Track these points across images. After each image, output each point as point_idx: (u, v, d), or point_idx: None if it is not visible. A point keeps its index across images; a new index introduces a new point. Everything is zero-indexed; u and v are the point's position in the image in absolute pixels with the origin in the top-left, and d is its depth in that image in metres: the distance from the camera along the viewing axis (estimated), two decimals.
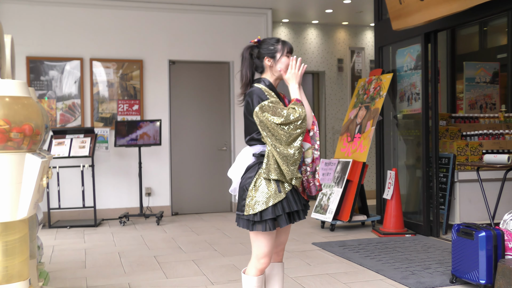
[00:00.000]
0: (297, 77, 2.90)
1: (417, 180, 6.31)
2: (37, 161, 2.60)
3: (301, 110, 2.70)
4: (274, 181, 2.68)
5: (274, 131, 2.66)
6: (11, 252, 2.60)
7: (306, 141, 2.77)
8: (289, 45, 2.95)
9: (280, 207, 2.66)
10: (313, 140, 2.79)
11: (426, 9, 5.19)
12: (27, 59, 7.10)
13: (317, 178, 2.80)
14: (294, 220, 2.74)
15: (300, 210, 2.76)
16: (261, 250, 2.74)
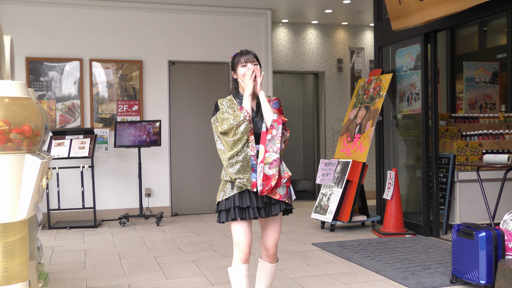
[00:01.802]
0: (248, 86, 3.08)
1: (417, 180, 6.31)
2: (36, 162, 2.60)
3: (233, 120, 2.97)
4: (229, 182, 3.04)
5: (222, 139, 3.04)
6: (10, 253, 2.59)
7: (262, 144, 3.00)
8: (246, 55, 3.16)
9: (232, 202, 3.00)
10: (271, 143, 2.99)
11: (426, 9, 5.19)
12: (26, 60, 7.10)
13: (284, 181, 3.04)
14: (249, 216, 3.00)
15: (255, 207, 2.99)
16: (234, 239, 3.08)
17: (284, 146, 3.09)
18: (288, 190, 3.08)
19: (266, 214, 3.03)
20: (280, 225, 3.14)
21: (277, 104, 3.16)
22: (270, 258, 3.18)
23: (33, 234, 3.46)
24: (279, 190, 3.01)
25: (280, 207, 3.03)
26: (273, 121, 3.02)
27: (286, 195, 3.04)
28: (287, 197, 3.04)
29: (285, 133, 3.08)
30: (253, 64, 3.11)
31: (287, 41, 9.12)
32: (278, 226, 3.13)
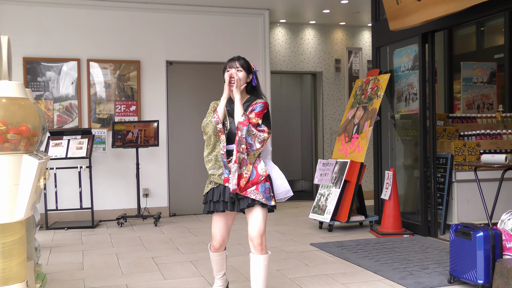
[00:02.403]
0: (224, 91, 3.41)
1: (415, 180, 6.31)
2: (34, 162, 2.59)
3: (204, 121, 3.41)
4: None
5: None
6: (8, 254, 2.59)
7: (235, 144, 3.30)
8: (231, 61, 3.48)
9: (210, 196, 3.40)
10: (239, 144, 3.26)
11: (424, 9, 5.19)
12: (24, 60, 7.09)
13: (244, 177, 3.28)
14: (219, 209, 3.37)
15: (222, 201, 3.34)
16: (212, 229, 3.52)
17: (260, 146, 3.30)
18: (261, 187, 3.28)
19: (235, 208, 3.33)
20: (260, 217, 3.31)
21: (259, 107, 3.36)
22: (256, 249, 3.32)
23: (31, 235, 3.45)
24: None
25: (248, 201, 3.27)
26: (238, 123, 3.28)
27: (255, 191, 3.27)
28: (255, 193, 3.26)
29: (258, 134, 3.28)
30: (236, 69, 3.40)
31: (285, 41, 9.12)
32: (258, 218, 3.31)
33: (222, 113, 3.38)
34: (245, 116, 3.29)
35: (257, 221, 3.31)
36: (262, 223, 3.31)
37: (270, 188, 3.32)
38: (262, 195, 3.27)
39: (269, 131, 3.33)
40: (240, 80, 3.39)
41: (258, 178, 3.28)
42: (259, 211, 3.31)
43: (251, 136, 3.27)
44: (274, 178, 3.44)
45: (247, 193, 3.27)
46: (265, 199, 3.27)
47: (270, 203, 3.30)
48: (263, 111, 3.35)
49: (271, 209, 3.35)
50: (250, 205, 3.28)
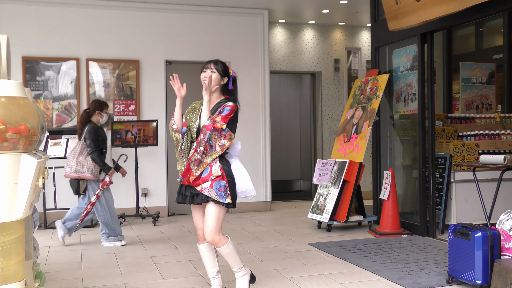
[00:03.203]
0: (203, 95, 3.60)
1: (414, 181, 6.32)
2: (33, 162, 2.59)
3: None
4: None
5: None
6: (7, 253, 2.59)
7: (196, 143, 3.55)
8: (206, 63, 3.69)
9: (178, 189, 3.66)
10: (198, 145, 3.48)
11: (423, 9, 5.20)
12: (23, 59, 7.09)
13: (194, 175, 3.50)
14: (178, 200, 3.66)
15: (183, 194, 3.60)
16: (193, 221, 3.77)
17: (220, 150, 3.50)
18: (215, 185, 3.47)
19: (194, 201, 3.56)
20: (212, 215, 3.52)
21: (226, 110, 3.53)
22: (212, 244, 3.63)
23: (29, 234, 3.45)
24: (203, 184, 3.49)
25: (202, 197, 3.50)
26: (203, 126, 3.48)
27: (209, 188, 3.47)
28: (209, 190, 3.46)
29: (220, 139, 3.50)
30: (210, 71, 3.60)
31: (284, 41, 9.13)
32: (209, 216, 3.52)
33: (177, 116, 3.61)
34: (210, 120, 3.46)
35: (209, 219, 3.53)
36: (213, 220, 3.52)
37: (227, 186, 3.49)
38: (216, 192, 3.47)
39: (232, 137, 3.54)
40: (212, 81, 3.57)
41: (209, 177, 3.48)
42: (212, 209, 3.52)
43: (213, 139, 3.48)
44: (237, 177, 3.60)
45: (202, 189, 3.49)
46: (218, 196, 3.46)
47: (224, 200, 3.48)
48: (229, 114, 3.53)
49: (227, 206, 3.52)
50: (203, 200, 3.51)
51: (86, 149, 5.56)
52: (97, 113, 5.73)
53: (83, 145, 5.59)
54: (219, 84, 3.63)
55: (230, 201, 3.51)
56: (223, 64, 3.67)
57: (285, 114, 10.39)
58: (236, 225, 6.89)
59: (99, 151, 5.57)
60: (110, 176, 5.58)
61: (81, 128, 5.69)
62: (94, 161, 5.50)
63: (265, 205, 8.14)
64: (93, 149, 5.51)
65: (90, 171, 5.47)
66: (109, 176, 5.57)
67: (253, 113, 8.07)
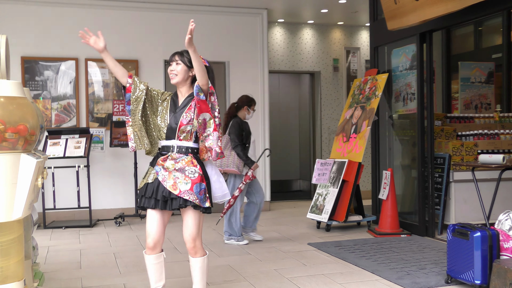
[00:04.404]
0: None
1: (413, 180, 6.32)
2: (32, 162, 2.59)
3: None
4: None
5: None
6: (6, 252, 2.59)
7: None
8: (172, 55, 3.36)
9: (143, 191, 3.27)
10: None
11: (421, 9, 5.20)
12: (22, 59, 7.08)
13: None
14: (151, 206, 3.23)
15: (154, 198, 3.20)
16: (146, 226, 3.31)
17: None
18: (196, 188, 3.14)
19: (167, 207, 3.19)
20: (193, 220, 3.22)
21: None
22: (190, 252, 3.29)
23: (29, 234, 3.45)
24: (180, 186, 3.12)
25: (180, 201, 3.13)
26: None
27: (189, 191, 3.12)
28: (189, 193, 3.12)
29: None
30: (175, 63, 3.30)
31: (283, 41, 9.13)
32: (190, 221, 3.23)
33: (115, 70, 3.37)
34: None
35: (190, 224, 3.23)
36: (194, 226, 3.24)
37: (206, 189, 3.20)
38: (197, 195, 3.14)
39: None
40: (178, 73, 3.27)
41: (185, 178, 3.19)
42: (191, 214, 3.21)
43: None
44: (213, 181, 3.31)
45: (181, 192, 3.13)
46: (199, 200, 3.13)
47: (204, 204, 3.17)
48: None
49: (204, 211, 3.22)
50: (181, 205, 3.15)
51: (229, 143, 5.53)
52: (245, 108, 5.69)
53: (227, 139, 5.57)
54: (187, 76, 3.30)
55: (209, 204, 3.20)
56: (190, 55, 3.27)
57: (284, 114, 10.39)
58: None
59: (242, 145, 5.51)
60: (253, 171, 5.49)
61: (226, 121, 5.67)
62: (238, 155, 5.45)
63: (264, 205, 8.13)
64: (236, 144, 5.47)
65: (235, 165, 5.45)
66: (252, 171, 5.48)
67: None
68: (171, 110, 3.29)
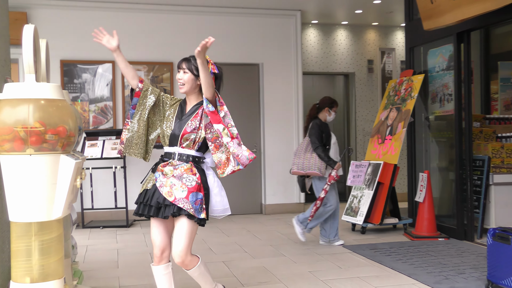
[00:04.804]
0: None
1: (450, 183, 6.19)
2: (71, 162, 2.64)
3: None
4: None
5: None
6: (46, 251, 2.65)
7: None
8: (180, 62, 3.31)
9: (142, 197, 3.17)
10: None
11: (459, 8, 5.09)
12: (61, 62, 7.25)
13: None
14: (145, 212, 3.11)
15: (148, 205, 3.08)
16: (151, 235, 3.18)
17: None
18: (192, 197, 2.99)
19: (159, 214, 3.03)
20: (184, 232, 3.02)
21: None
22: (181, 266, 3.13)
23: (68, 233, 3.52)
24: (175, 193, 2.99)
25: (173, 209, 2.97)
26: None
27: (185, 199, 2.96)
28: (184, 201, 2.96)
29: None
30: (183, 71, 3.22)
31: (316, 42, 9.09)
32: (182, 232, 3.02)
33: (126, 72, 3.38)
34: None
35: (181, 236, 3.02)
36: (185, 239, 3.03)
37: (203, 199, 3.04)
38: (192, 205, 2.97)
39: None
40: (186, 83, 3.20)
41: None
42: (184, 224, 3.02)
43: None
44: (214, 193, 3.17)
45: (176, 200, 2.97)
46: (193, 210, 2.97)
47: (199, 215, 3.00)
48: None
49: (199, 222, 3.05)
50: (175, 213, 2.98)
51: (310, 145, 5.48)
52: (326, 109, 5.66)
53: (308, 141, 5.52)
54: (195, 85, 3.22)
55: (205, 216, 3.03)
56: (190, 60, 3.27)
57: None
58: (269, 226, 6.89)
59: (323, 147, 5.44)
60: (336, 171, 5.40)
61: (307, 123, 5.64)
62: (319, 156, 5.37)
63: (299, 207, 8.11)
64: (317, 145, 5.40)
65: (317, 167, 5.37)
66: (335, 171, 5.39)
67: (286, 114, 8.06)
68: (177, 116, 3.20)
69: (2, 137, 2.52)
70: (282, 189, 7.99)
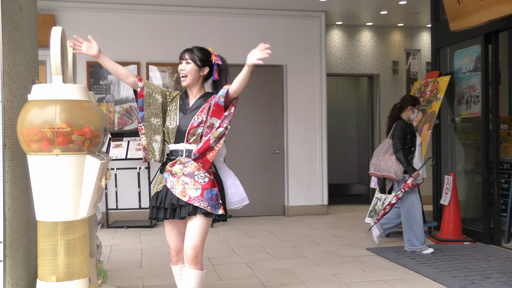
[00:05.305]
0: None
1: (477, 186, 6.09)
2: (96, 163, 2.68)
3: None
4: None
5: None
6: (72, 250, 2.69)
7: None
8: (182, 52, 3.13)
9: (153, 201, 3.05)
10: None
11: (487, 8, 5.01)
12: (87, 64, 7.36)
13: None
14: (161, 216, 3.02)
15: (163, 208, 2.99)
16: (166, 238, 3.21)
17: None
18: (206, 194, 2.90)
19: (175, 216, 2.95)
20: (198, 227, 2.92)
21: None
22: (189, 262, 2.94)
23: (93, 233, 3.57)
24: (189, 192, 2.89)
25: (189, 208, 2.88)
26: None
27: (200, 197, 2.88)
28: (199, 200, 2.87)
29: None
30: (185, 62, 3.06)
31: (341, 44, 9.04)
32: (195, 229, 2.91)
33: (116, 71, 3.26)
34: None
35: (193, 233, 2.92)
36: (199, 235, 2.92)
37: (219, 195, 2.95)
38: (208, 202, 2.88)
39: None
40: (188, 74, 3.03)
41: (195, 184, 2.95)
42: (198, 221, 2.91)
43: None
44: (228, 185, 3.09)
45: (190, 199, 2.87)
46: (210, 207, 2.88)
47: (217, 211, 2.91)
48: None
49: (218, 219, 2.96)
50: (191, 213, 2.88)
51: (391, 147, 5.30)
52: (409, 108, 5.40)
53: (390, 143, 5.34)
54: (198, 77, 3.06)
55: (223, 211, 2.95)
56: (201, 51, 3.07)
57: (342, 117, 10.28)
58: (292, 228, 6.87)
59: (405, 150, 5.23)
60: (413, 179, 5.15)
61: (390, 124, 5.47)
62: (399, 160, 5.17)
63: (322, 209, 8.07)
64: (398, 148, 5.20)
65: (393, 171, 5.18)
66: (412, 179, 5.14)
67: (310, 116, 8.03)
68: (180, 111, 3.05)
69: (30, 137, 2.57)
70: (305, 190, 7.97)
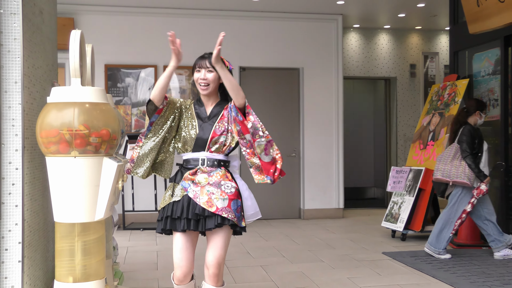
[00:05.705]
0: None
1: (495, 191, 6.02)
2: (113, 165, 2.70)
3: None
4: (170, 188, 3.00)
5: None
6: (88, 251, 2.71)
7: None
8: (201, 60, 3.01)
9: (168, 211, 2.86)
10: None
11: (507, 11, 4.96)
12: (105, 66, 7.43)
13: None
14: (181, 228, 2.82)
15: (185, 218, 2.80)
16: (173, 255, 2.92)
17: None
18: (233, 205, 2.81)
19: (199, 227, 2.79)
20: (223, 241, 2.82)
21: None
22: (211, 279, 2.86)
23: (109, 234, 3.60)
24: (217, 202, 2.76)
25: (217, 219, 2.74)
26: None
27: (227, 208, 2.77)
28: (227, 210, 2.76)
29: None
30: (206, 70, 2.91)
31: (358, 46, 9.00)
32: (220, 242, 2.82)
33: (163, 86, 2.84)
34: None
35: (218, 247, 2.82)
36: (223, 249, 2.83)
37: (242, 206, 2.88)
38: (235, 214, 2.78)
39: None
40: (211, 83, 2.90)
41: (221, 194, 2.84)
42: (223, 234, 2.81)
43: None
44: (244, 197, 2.97)
45: (218, 210, 2.74)
46: (237, 219, 2.79)
47: (241, 224, 2.83)
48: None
49: (239, 231, 2.87)
50: (219, 224, 2.75)
51: (459, 153, 5.18)
52: (477, 113, 5.27)
53: (457, 148, 5.21)
54: (217, 84, 2.94)
55: (244, 224, 2.87)
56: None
57: (358, 120, 10.23)
58: (308, 231, 6.85)
59: (473, 156, 5.12)
60: (486, 184, 5.03)
61: (455, 129, 5.33)
62: (469, 166, 5.04)
63: (338, 212, 8.04)
64: (467, 154, 5.08)
65: (466, 177, 5.04)
66: (485, 184, 5.02)
67: (326, 119, 8.01)
68: (198, 119, 2.94)
69: (48, 139, 2.60)
70: (321, 194, 7.94)
